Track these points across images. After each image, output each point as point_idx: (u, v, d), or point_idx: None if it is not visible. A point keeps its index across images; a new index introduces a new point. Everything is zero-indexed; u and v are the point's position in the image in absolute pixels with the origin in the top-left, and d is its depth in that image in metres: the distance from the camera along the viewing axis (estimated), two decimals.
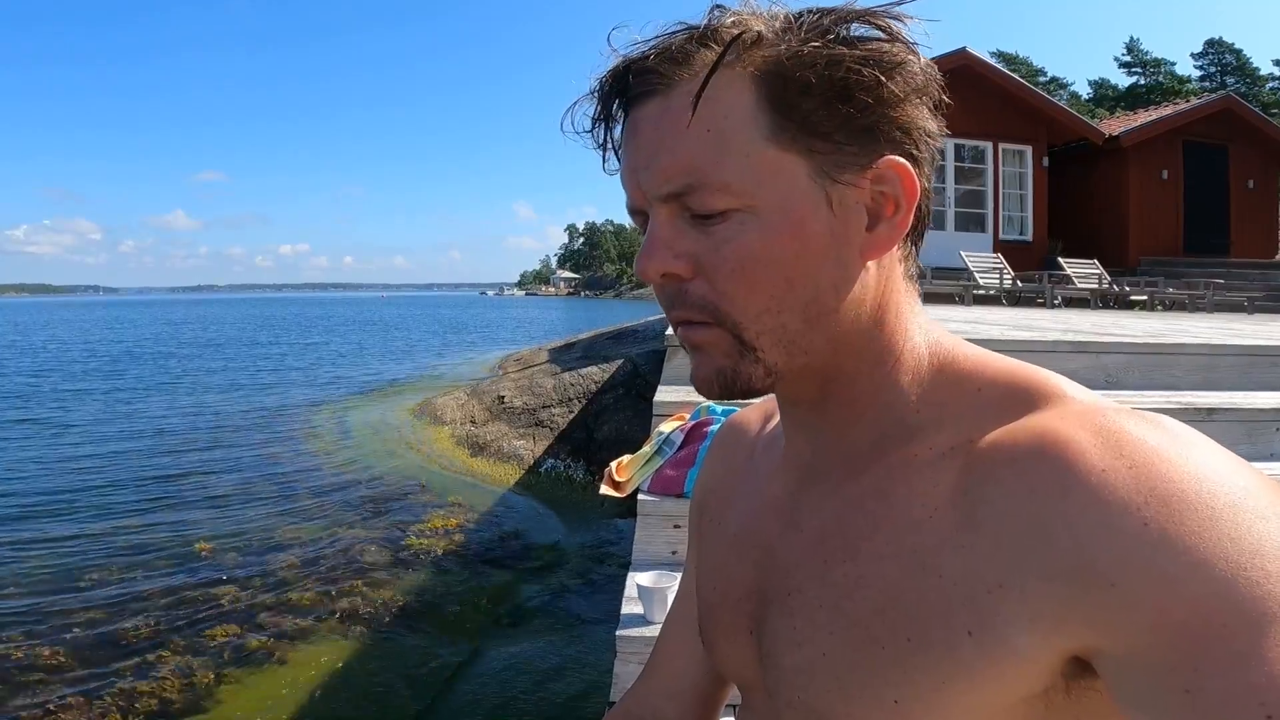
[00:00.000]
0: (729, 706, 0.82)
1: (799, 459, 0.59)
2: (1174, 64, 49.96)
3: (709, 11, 0.50)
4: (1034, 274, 12.03)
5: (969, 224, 13.94)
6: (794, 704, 0.53)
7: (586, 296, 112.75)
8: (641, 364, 7.43)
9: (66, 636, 3.74)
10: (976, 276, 11.26)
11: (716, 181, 0.48)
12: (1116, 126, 15.39)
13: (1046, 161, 14.31)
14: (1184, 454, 0.40)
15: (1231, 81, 45.01)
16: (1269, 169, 15.46)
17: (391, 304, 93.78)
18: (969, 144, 13.84)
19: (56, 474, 7.00)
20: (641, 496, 2.11)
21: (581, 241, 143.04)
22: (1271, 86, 45.87)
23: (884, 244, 0.51)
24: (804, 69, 0.47)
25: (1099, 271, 12.00)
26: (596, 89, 0.52)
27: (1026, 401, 0.48)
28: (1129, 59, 49.96)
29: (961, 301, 10.52)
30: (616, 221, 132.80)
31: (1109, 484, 0.40)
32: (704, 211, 0.49)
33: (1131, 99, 41.94)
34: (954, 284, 10.93)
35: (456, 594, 4.38)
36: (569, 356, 9.04)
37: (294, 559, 4.79)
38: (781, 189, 0.48)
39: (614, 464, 2.26)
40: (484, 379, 9.68)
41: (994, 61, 16.82)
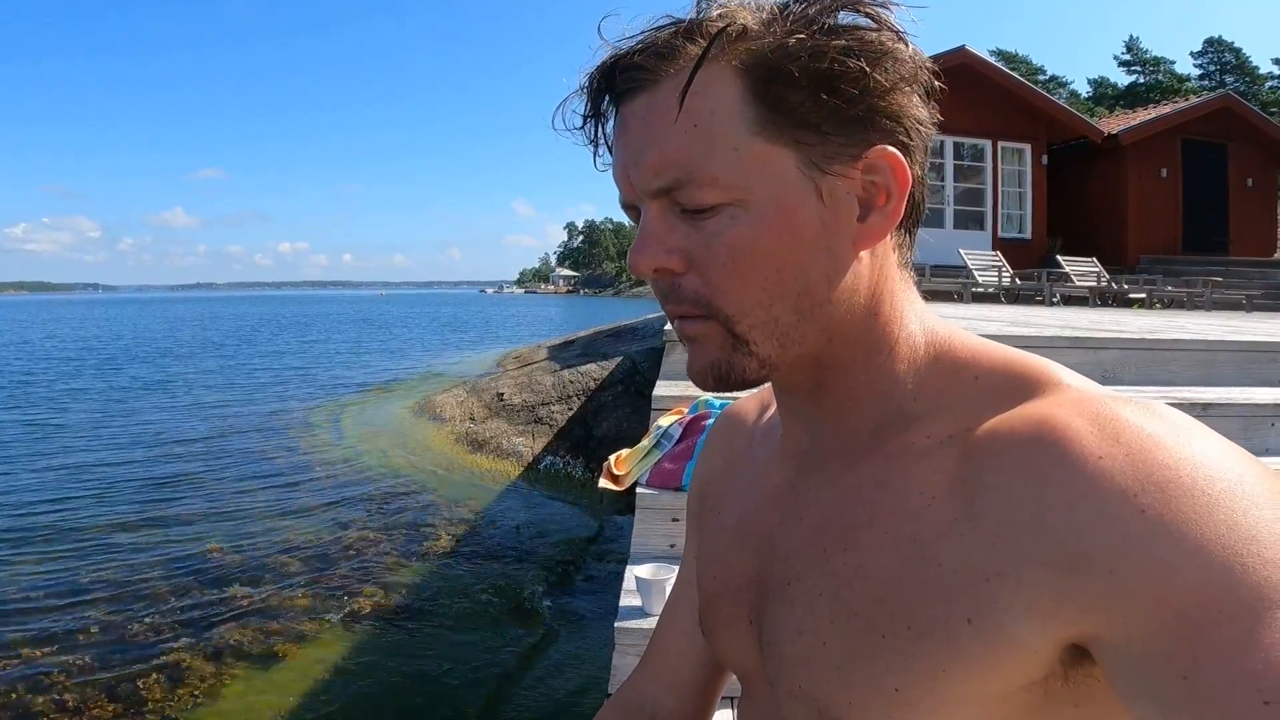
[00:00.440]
0: (726, 699, 0.82)
1: (797, 447, 0.59)
2: (1173, 63, 49.99)
3: (697, 3, 0.50)
4: (1033, 272, 12.04)
5: (968, 222, 13.94)
6: (795, 693, 0.53)
7: (586, 294, 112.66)
8: (640, 361, 7.43)
9: (70, 638, 3.74)
10: (975, 274, 11.26)
11: (705, 176, 0.48)
12: (1116, 125, 15.38)
13: (1045, 160, 14.32)
14: (1181, 441, 0.41)
15: (1231, 80, 44.99)
16: (1268, 167, 15.47)
17: (391, 302, 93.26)
18: (968, 142, 13.83)
19: (54, 474, 6.99)
20: (640, 490, 2.12)
21: (581, 239, 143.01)
22: (1271, 85, 45.86)
23: (876, 234, 0.51)
24: (789, 61, 0.47)
25: (1098, 269, 12.00)
26: (585, 85, 0.52)
27: (1023, 389, 0.48)
28: (1128, 57, 49.95)
29: (960, 299, 10.52)
30: (616, 219, 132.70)
31: (1106, 471, 0.40)
32: (693, 206, 0.49)
33: (1131, 97, 41.93)
34: (953, 282, 10.94)
35: (456, 590, 4.39)
36: (568, 354, 9.04)
37: (293, 558, 4.79)
38: (770, 181, 0.48)
39: (613, 458, 2.27)
40: (483, 376, 9.69)
41: (993, 60, 16.82)
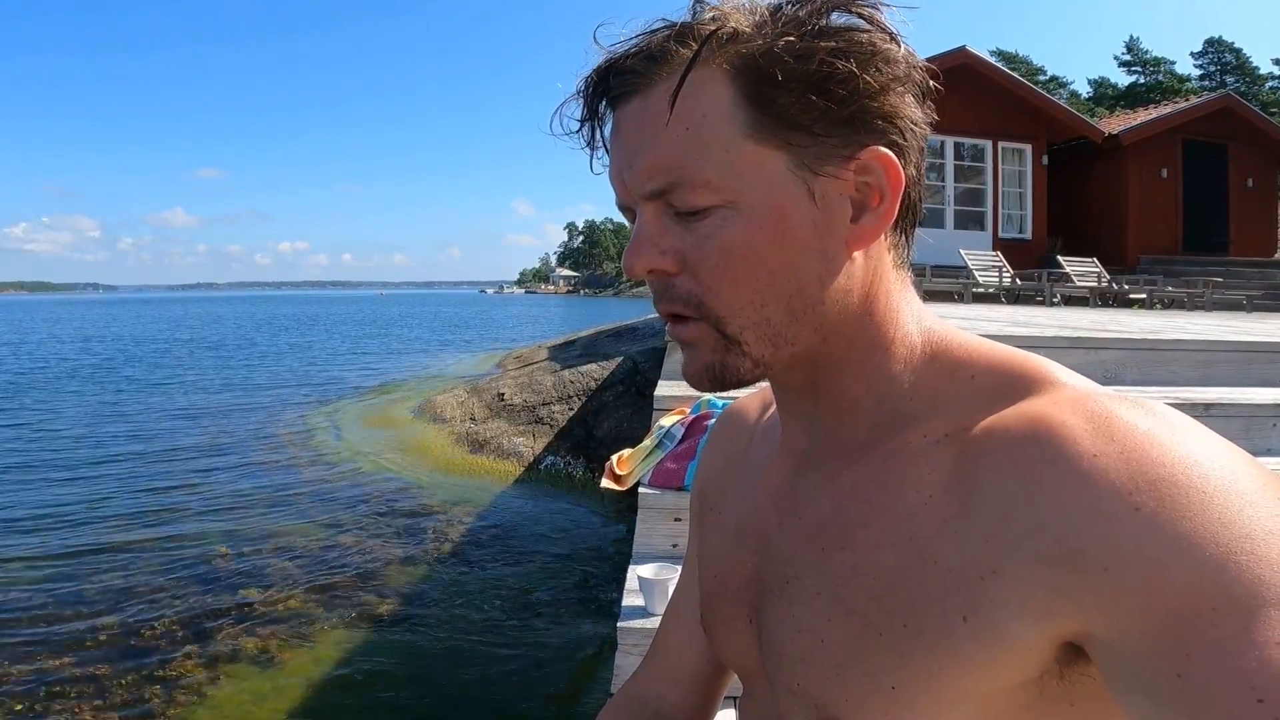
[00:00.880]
0: (729, 698, 0.83)
1: (795, 447, 0.59)
2: (1174, 63, 49.99)
3: (692, 6, 0.51)
4: (1033, 272, 12.05)
5: (968, 222, 13.95)
6: (793, 690, 0.53)
7: (586, 295, 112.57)
8: (641, 361, 7.43)
9: (69, 642, 3.72)
10: (975, 274, 11.26)
11: (697, 179, 0.48)
12: (1116, 125, 15.39)
13: (1046, 160, 14.32)
14: (1175, 439, 0.41)
15: (1231, 80, 44.99)
16: (1268, 168, 15.47)
17: (391, 302, 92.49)
18: (968, 142, 13.84)
19: (51, 477, 6.95)
20: (642, 490, 2.13)
21: (581, 240, 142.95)
22: (1271, 85, 45.86)
23: (869, 235, 0.51)
24: (778, 63, 0.47)
25: (1098, 270, 12.01)
26: (581, 89, 0.52)
27: (1020, 388, 0.49)
28: (1129, 58, 49.95)
29: (961, 299, 10.53)
30: (616, 220, 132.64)
31: (1100, 469, 0.40)
32: (686, 208, 0.50)
33: (1131, 98, 41.92)
34: (953, 282, 10.94)
35: (456, 591, 4.39)
36: (569, 354, 9.05)
37: (292, 561, 4.78)
38: (762, 184, 0.49)
39: (615, 457, 2.28)
40: (484, 376, 9.69)
41: (994, 60, 16.81)
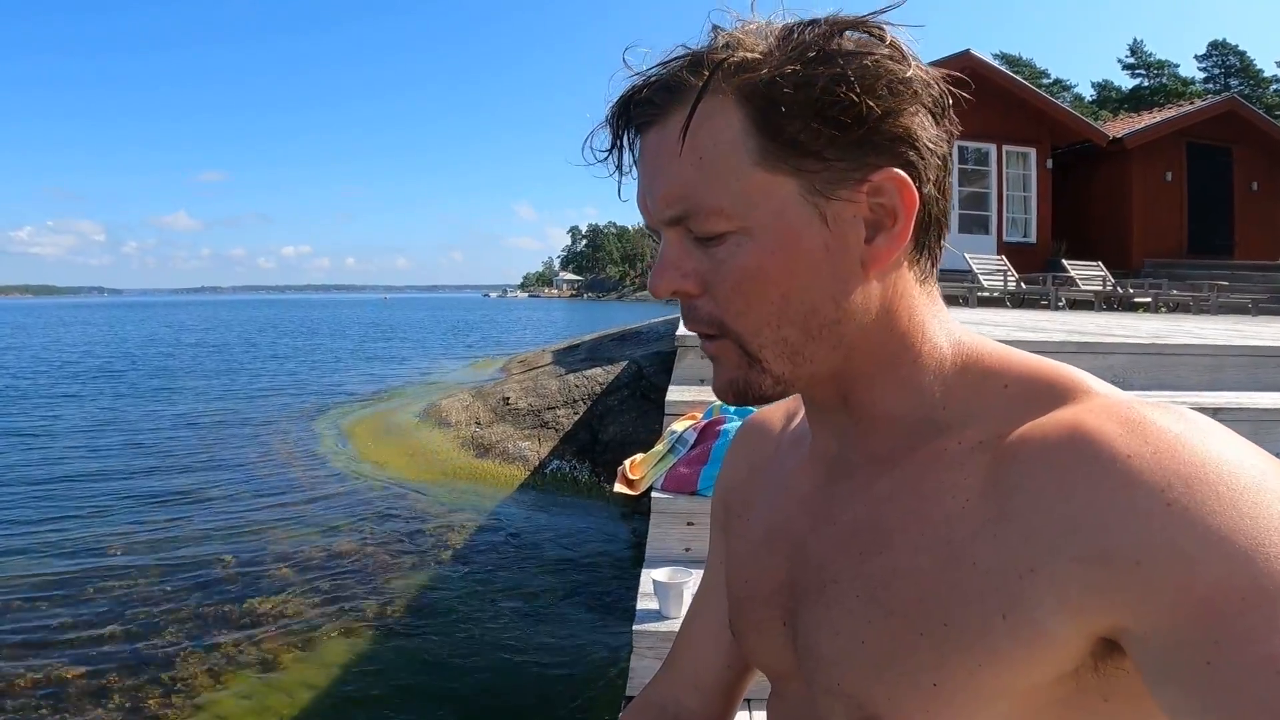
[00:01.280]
0: (745, 700, 0.85)
1: (827, 455, 0.61)
2: (1177, 66, 49.91)
3: (712, 32, 0.52)
4: (1037, 276, 12.05)
5: (972, 226, 13.96)
6: (832, 690, 0.54)
7: (589, 298, 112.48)
8: (646, 366, 7.44)
9: (72, 647, 3.73)
10: (980, 278, 11.28)
11: (710, 206, 0.51)
12: (1120, 128, 15.39)
13: (1050, 163, 14.33)
14: (1205, 440, 0.42)
15: (1235, 83, 44.89)
16: (1273, 170, 15.43)
17: (395, 306, 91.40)
18: (972, 146, 13.85)
19: (53, 482, 6.97)
20: (655, 494, 2.14)
21: (584, 243, 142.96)
22: (1275, 88, 45.70)
23: (884, 255, 0.52)
24: (783, 92, 0.48)
25: (1103, 273, 12.01)
26: (607, 119, 0.55)
27: (1053, 397, 0.50)
28: (1132, 61, 49.86)
29: (965, 303, 10.53)
30: (619, 223, 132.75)
31: (1134, 469, 0.42)
32: (702, 234, 0.52)
33: (1135, 101, 41.86)
34: (958, 286, 10.95)
35: (464, 595, 4.40)
36: (573, 358, 9.06)
37: (297, 566, 4.79)
38: (773, 210, 0.50)
39: (627, 462, 2.29)
40: (488, 381, 9.71)
41: (997, 63, 16.83)
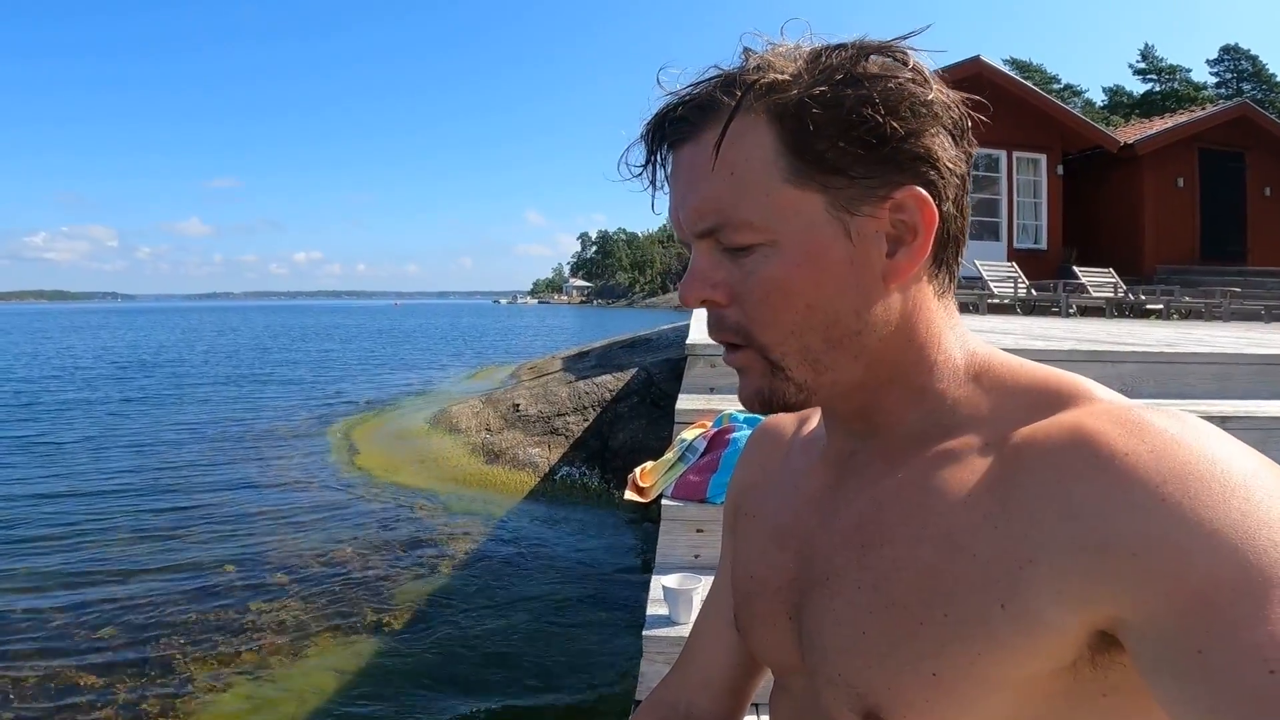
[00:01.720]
0: (753, 705, 0.86)
1: (840, 456, 0.63)
2: (1190, 70, 49.54)
3: (744, 53, 0.56)
4: (1049, 283, 12.00)
5: (983, 232, 13.93)
6: (834, 681, 0.56)
7: (599, 305, 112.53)
8: (655, 373, 7.46)
9: (76, 651, 3.75)
10: (991, 285, 11.25)
11: (739, 220, 0.54)
12: (1132, 134, 15.34)
13: (1061, 170, 14.29)
14: (1200, 440, 0.45)
15: (1248, 88, 44.66)
16: None
17: (406, 313, 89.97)
18: (983, 152, 13.81)
19: (60, 487, 7.02)
20: (665, 502, 2.16)
21: (594, 250, 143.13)
22: None
23: (904, 269, 0.55)
24: (812, 112, 0.51)
25: (1114, 280, 11.96)
26: (643, 135, 0.58)
27: (1057, 402, 0.52)
28: (1144, 66, 49.63)
29: (976, 310, 10.51)
30: (629, 230, 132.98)
31: (1132, 465, 0.44)
32: (732, 246, 0.55)
33: (1147, 106, 41.69)
34: (968, 293, 10.92)
35: (472, 601, 4.42)
36: (583, 365, 9.09)
37: (305, 571, 4.81)
38: (800, 224, 0.53)
39: (638, 470, 2.31)
40: (499, 388, 9.75)
41: (1008, 69, 16.80)
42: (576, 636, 3.98)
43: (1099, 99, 50.02)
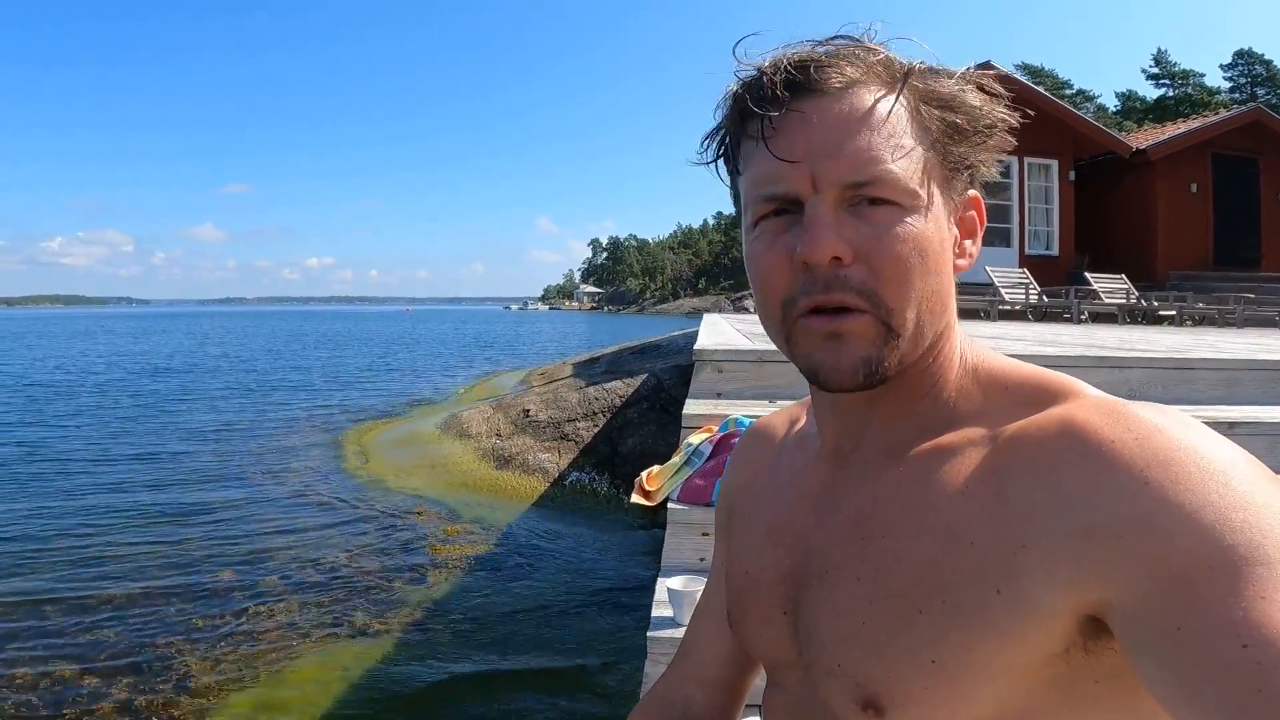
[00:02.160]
0: (749, 706, 0.88)
1: (840, 451, 0.65)
2: (1203, 75, 49.31)
3: (832, 39, 0.58)
4: (1060, 289, 11.97)
5: (994, 239, 13.88)
6: (833, 672, 0.58)
7: (609, 311, 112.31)
8: (665, 378, 7.48)
9: (80, 654, 3.75)
10: (1002, 292, 11.22)
11: (894, 176, 0.55)
12: (1144, 139, 15.28)
13: (1073, 175, 14.24)
14: (1182, 430, 0.47)
15: (1262, 93, 44.33)
16: None
17: (418, 319, 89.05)
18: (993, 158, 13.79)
19: (67, 489, 7.07)
20: (671, 505, 2.18)
21: (605, 256, 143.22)
22: None
23: (966, 261, 0.62)
24: (960, 103, 0.58)
25: (1126, 286, 11.91)
26: (769, 73, 0.56)
27: (1048, 398, 0.56)
28: (1157, 71, 49.40)
29: (986, 317, 10.48)
30: (640, 236, 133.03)
31: (1117, 452, 0.46)
32: (879, 197, 0.55)
33: (1160, 111, 41.49)
34: (979, 299, 10.90)
35: (480, 603, 4.44)
36: (593, 371, 9.12)
37: (313, 575, 4.83)
38: (933, 193, 0.57)
39: (644, 474, 2.34)
40: (509, 393, 9.78)
41: (1019, 74, 16.75)
42: (583, 638, 3.99)
43: (1112, 104, 49.86)
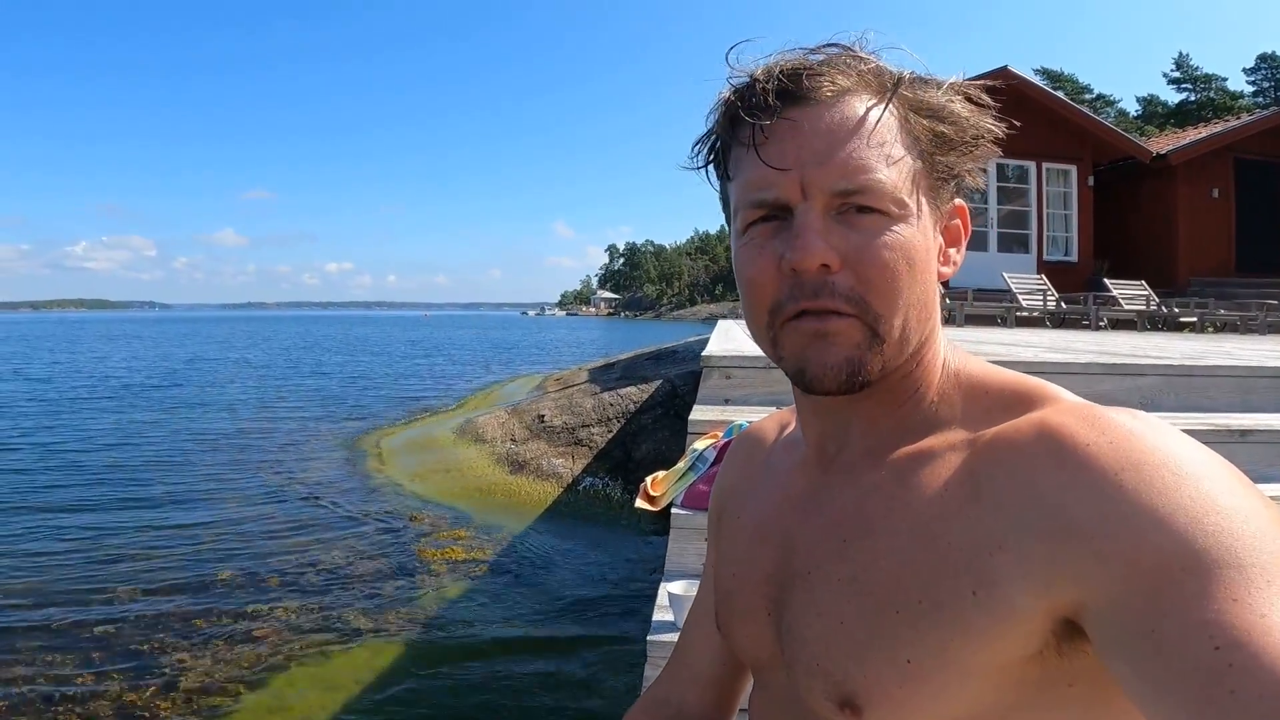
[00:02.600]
0: (742, 711, 0.89)
1: (824, 455, 0.66)
2: (1225, 79, 48.80)
3: (823, 47, 0.58)
4: (1078, 295, 11.84)
5: (1011, 244, 13.80)
6: (813, 671, 0.59)
7: (626, 317, 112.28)
8: (680, 384, 7.49)
9: (83, 656, 3.80)
10: (1019, 298, 11.13)
11: (883, 185, 0.55)
12: (1165, 144, 15.13)
13: (1092, 181, 14.12)
14: (1155, 434, 0.48)
15: None
16: None
17: (436, 324, 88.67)
18: (1012, 163, 13.70)
19: (78, 489, 7.18)
20: (675, 510, 2.20)
21: (622, 262, 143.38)
22: None
23: (951, 269, 0.63)
24: (948, 114, 0.58)
25: (1146, 292, 11.78)
26: (760, 81, 0.56)
27: (1026, 402, 0.56)
28: (1178, 75, 48.93)
29: (1003, 323, 10.40)
30: (656, 242, 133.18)
31: (1092, 455, 0.47)
32: (868, 205, 0.55)
33: (1181, 116, 41.03)
34: (996, 306, 10.82)
35: (492, 607, 4.46)
36: (608, 376, 9.14)
37: (325, 577, 4.88)
38: (921, 202, 0.58)
39: (649, 479, 2.35)
40: (524, 399, 9.82)
41: (1038, 79, 16.65)
42: (588, 640, 4.01)
43: (1133, 109, 49.37)
